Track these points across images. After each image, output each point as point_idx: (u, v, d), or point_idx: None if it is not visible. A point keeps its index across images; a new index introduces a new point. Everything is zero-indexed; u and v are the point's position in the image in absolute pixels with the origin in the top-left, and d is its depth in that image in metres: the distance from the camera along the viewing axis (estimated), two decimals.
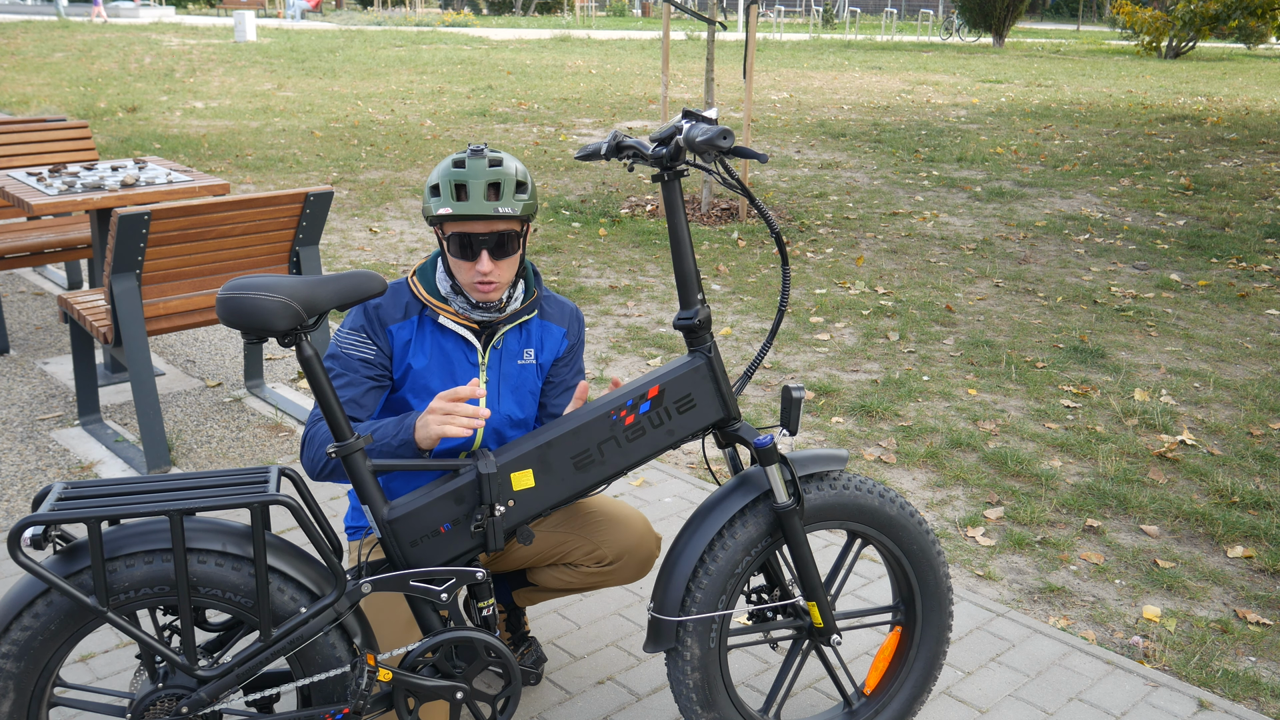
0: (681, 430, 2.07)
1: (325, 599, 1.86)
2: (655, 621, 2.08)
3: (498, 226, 2.07)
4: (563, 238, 7.04)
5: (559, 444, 1.98)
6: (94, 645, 2.68)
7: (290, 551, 1.90)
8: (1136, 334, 5.33)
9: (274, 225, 3.68)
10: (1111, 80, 19.70)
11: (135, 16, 28.76)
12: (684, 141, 1.92)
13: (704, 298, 2.09)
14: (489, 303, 2.15)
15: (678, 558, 2.08)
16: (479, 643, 1.98)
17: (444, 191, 2.05)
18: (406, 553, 1.93)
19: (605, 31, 32.01)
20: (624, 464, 2.04)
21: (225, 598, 1.83)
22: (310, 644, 1.88)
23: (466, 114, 13.02)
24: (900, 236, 7.29)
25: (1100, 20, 47.94)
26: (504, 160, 2.07)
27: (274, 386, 4.44)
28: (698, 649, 2.06)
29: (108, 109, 12.44)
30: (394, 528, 1.92)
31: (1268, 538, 3.37)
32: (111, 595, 1.79)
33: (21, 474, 3.60)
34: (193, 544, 1.81)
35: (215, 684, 1.85)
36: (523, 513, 1.99)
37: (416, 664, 1.97)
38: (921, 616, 2.30)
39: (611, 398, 2.02)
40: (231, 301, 1.76)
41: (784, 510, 2.07)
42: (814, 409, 4.30)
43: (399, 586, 1.92)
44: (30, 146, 5.01)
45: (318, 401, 1.87)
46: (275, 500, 1.77)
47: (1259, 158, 10.86)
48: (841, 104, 14.94)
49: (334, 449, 1.88)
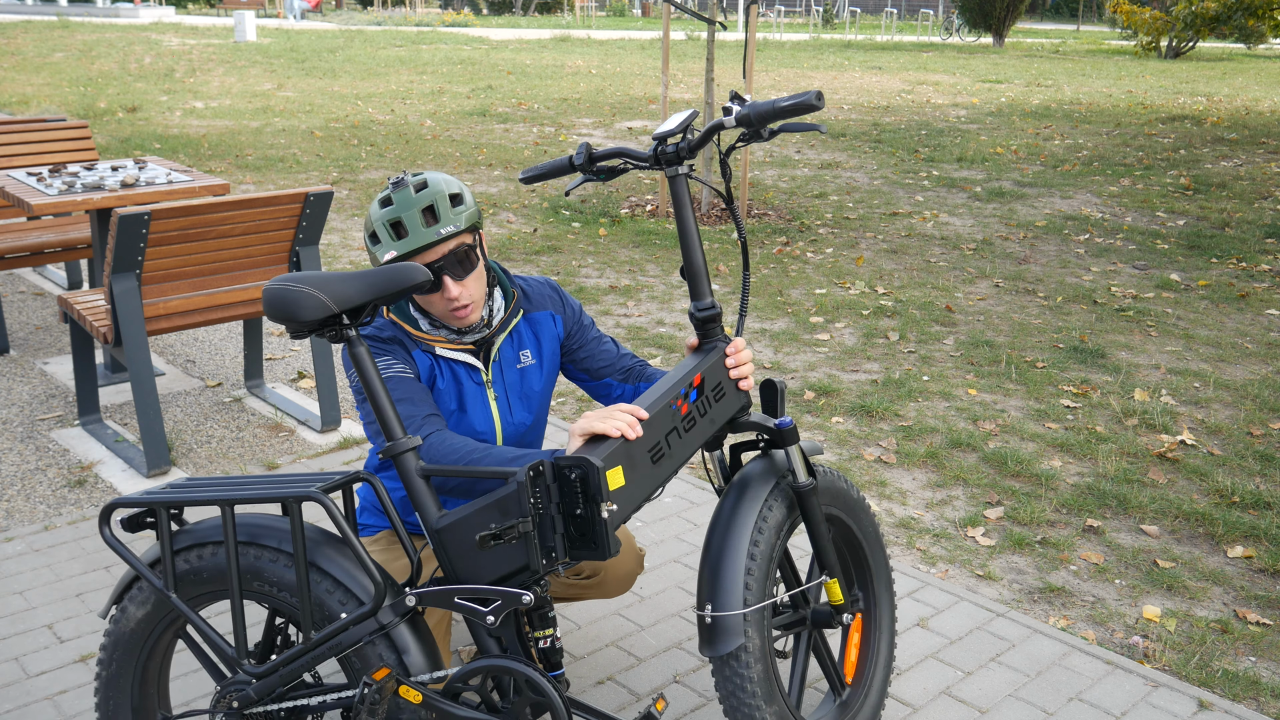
0: (719, 418, 2.06)
1: (365, 607, 1.79)
2: (720, 621, 1.96)
3: (447, 248, 2.01)
4: (563, 238, 7.04)
5: (639, 439, 1.87)
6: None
7: (349, 557, 1.85)
8: (1136, 334, 5.33)
9: (274, 225, 3.68)
10: (1111, 80, 19.70)
11: (135, 16, 28.78)
12: (756, 115, 1.94)
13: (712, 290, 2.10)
14: (471, 325, 2.11)
15: (723, 552, 2.01)
16: (518, 675, 1.81)
17: (382, 236, 1.99)
18: (456, 566, 1.81)
19: (605, 31, 32.01)
20: (684, 456, 1.98)
21: (279, 595, 1.85)
22: (356, 653, 1.82)
23: (466, 114, 13.02)
24: (900, 236, 7.29)
25: (1100, 20, 47.93)
26: (429, 181, 2.01)
27: (274, 386, 4.43)
28: (758, 639, 1.98)
29: (108, 109, 12.44)
30: (441, 537, 1.81)
31: (1268, 538, 3.37)
32: (182, 583, 1.88)
33: (21, 474, 3.60)
34: (256, 539, 1.85)
35: (262, 682, 1.84)
36: (621, 515, 1.80)
37: (458, 692, 1.83)
38: (879, 599, 2.37)
39: (664, 389, 1.96)
40: (266, 294, 1.77)
41: (804, 489, 2.09)
42: (814, 409, 4.30)
43: (444, 603, 1.80)
44: (30, 146, 5.01)
45: (368, 398, 1.82)
46: (307, 497, 1.75)
47: (1259, 158, 10.86)
48: (841, 104, 14.94)
49: (384, 450, 1.81)
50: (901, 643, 2.79)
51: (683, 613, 2.89)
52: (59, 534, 3.21)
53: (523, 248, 6.74)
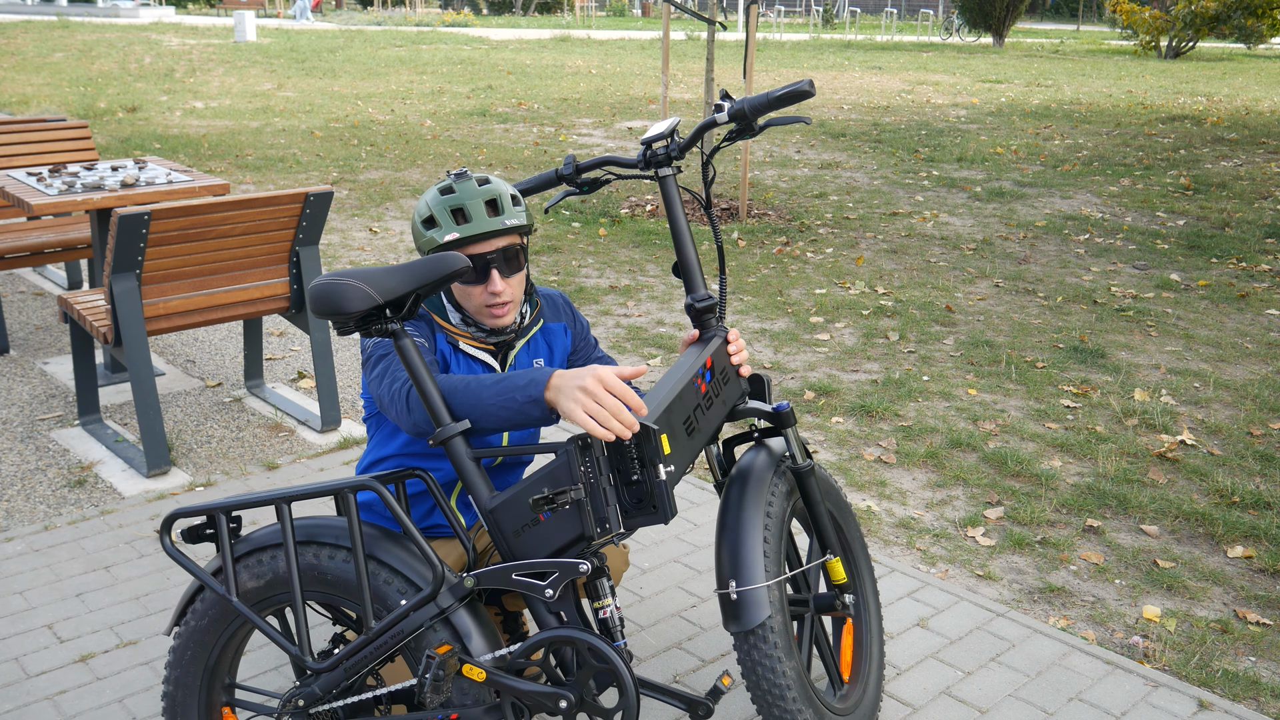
0: (729, 400, 2.14)
1: (423, 592, 1.81)
2: (745, 595, 1.97)
3: (502, 242, 2.05)
4: (563, 238, 7.04)
5: (675, 408, 1.90)
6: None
7: (404, 546, 1.88)
8: (1136, 334, 5.33)
9: (274, 225, 3.68)
10: (1111, 80, 19.70)
11: (135, 16, 28.76)
12: (750, 108, 2.04)
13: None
14: (503, 326, 2.12)
15: (740, 531, 2.03)
16: (581, 644, 1.82)
17: (442, 220, 2.02)
18: (511, 544, 1.83)
19: (605, 31, 32.01)
20: (709, 432, 2.03)
21: (339, 594, 1.88)
22: (417, 640, 1.84)
23: (466, 114, 13.02)
24: (900, 236, 7.29)
25: (1100, 20, 47.94)
26: (490, 179, 2.08)
27: (274, 386, 4.43)
28: (780, 616, 1.99)
29: (108, 109, 12.44)
30: (495, 516, 1.83)
31: (1268, 538, 3.37)
32: (243, 589, 1.91)
33: (21, 474, 3.60)
34: (314, 538, 1.89)
35: (326, 678, 1.86)
36: (674, 479, 1.80)
37: (521, 668, 1.84)
38: (866, 601, 2.39)
39: (687, 368, 2.02)
40: (312, 291, 1.79)
41: (804, 470, 2.16)
42: (814, 409, 4.30)
43: (502, 581, 1.83)
44: (30, 146, 5.01)
45: (415, 388, 1.84)
46: (361, 485, 1.80)
47: (1259, 158, 10.86)
48: (841, 104, 14.94)
49: (434, 437, 1.82)
50: (901, 643, 2.79)
51: (683, 613, 2.89)
52: (59, 534, 3.21)
53: None
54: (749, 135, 2.11)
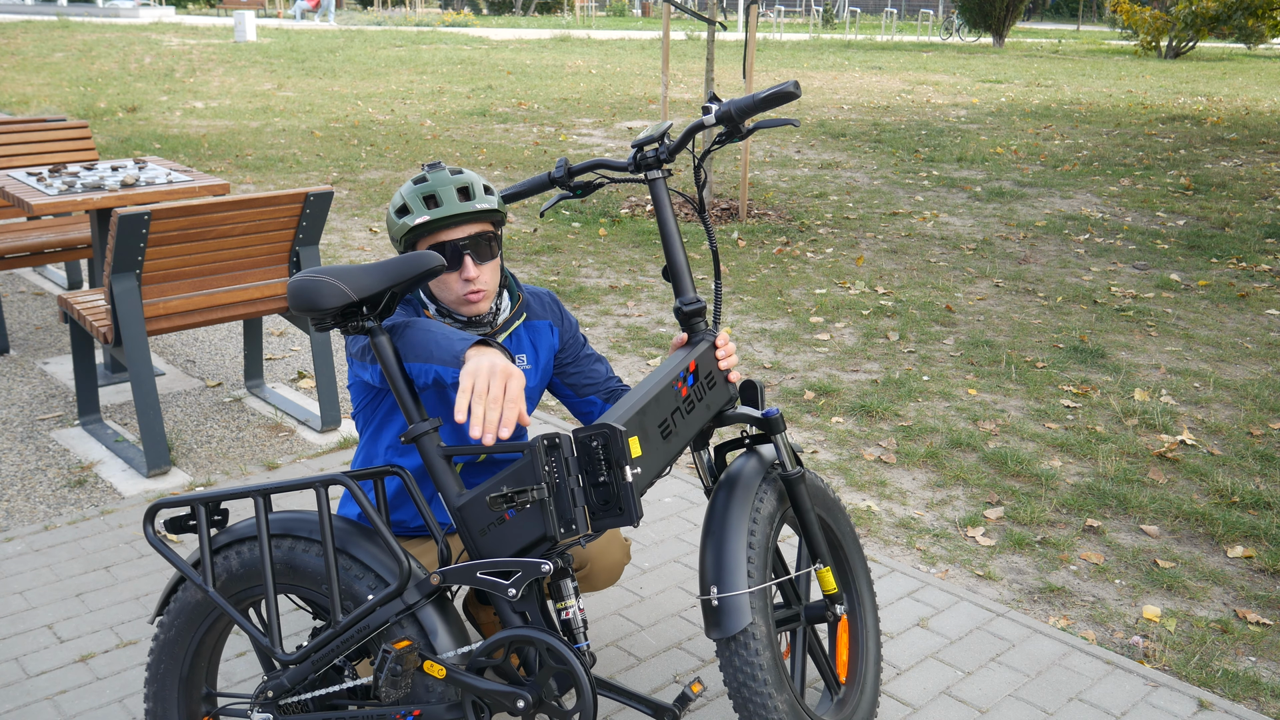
0: (713, 405, 2.13)
1: (390, 588, 1.83)
2: (726, 602, 1.97)
3: (474, 228, 2.08)
4: (563, 238, 7.04)
5: (650, 410, 1.91)
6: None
7: (376, 542, 1.91)
8: (1136, 334, 5.33)
9: (274, 225, 3.68)
10: (1111, 80, 19.70)
11: (135, 16, 28.76)
12: (736, 111, 2.05)
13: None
14: (479, 316, 2.15)
15: (723, 537, 2.03)
16: (540, 644, 1.83)
17: (414, 206, 2.06)
18: (477, 542, 1.84)
19: (605, 31, 32.01)
20: (687, 435, 2.04)
21: (311, 587, 1.91)
22: (384, 635, 1.85)
23: (466, 114, 13.02)
24: (900, 236, 7.29)
25: (1100, 20, 47.93)
26: (463, 170, 2.12)
27: (274, 386, 4.43)
28: (763, 624, 1.98)
29: (108, 109, 12.44)
30: (462, 514, 1.84)
31: (1268, 538, 3.37)
32: (219, 579, 1.94)
33: (21, 474, 3.60)
34: (289, 531, 1.92)
35: (294, 669, 1.88)
36: (642, 482, 1.83)
37: (484, 667, 1.85)
38: (861, 598, 2.38)
39: (666, 371, 2.03)
40: (290, 286, 1.83)
41: (793, 478, 2.14)
42: (814, 409, 4.30)
43: (467, 579, 1.83)
44: (30, 146, 5.01)
45: (390, 386, 1.87)
46: (333, 480, 1.84)
47: (1259, 158, 10.86)
48: (841, 104, 14.94)
49: (405, 435, 1.85)
50: (901, 643, 2.79)
51: (683, 613, 2.89)
52: (59, 534, 3.21)
53: (523, 248, 6.74)
54: (738, 138, 2.12)
